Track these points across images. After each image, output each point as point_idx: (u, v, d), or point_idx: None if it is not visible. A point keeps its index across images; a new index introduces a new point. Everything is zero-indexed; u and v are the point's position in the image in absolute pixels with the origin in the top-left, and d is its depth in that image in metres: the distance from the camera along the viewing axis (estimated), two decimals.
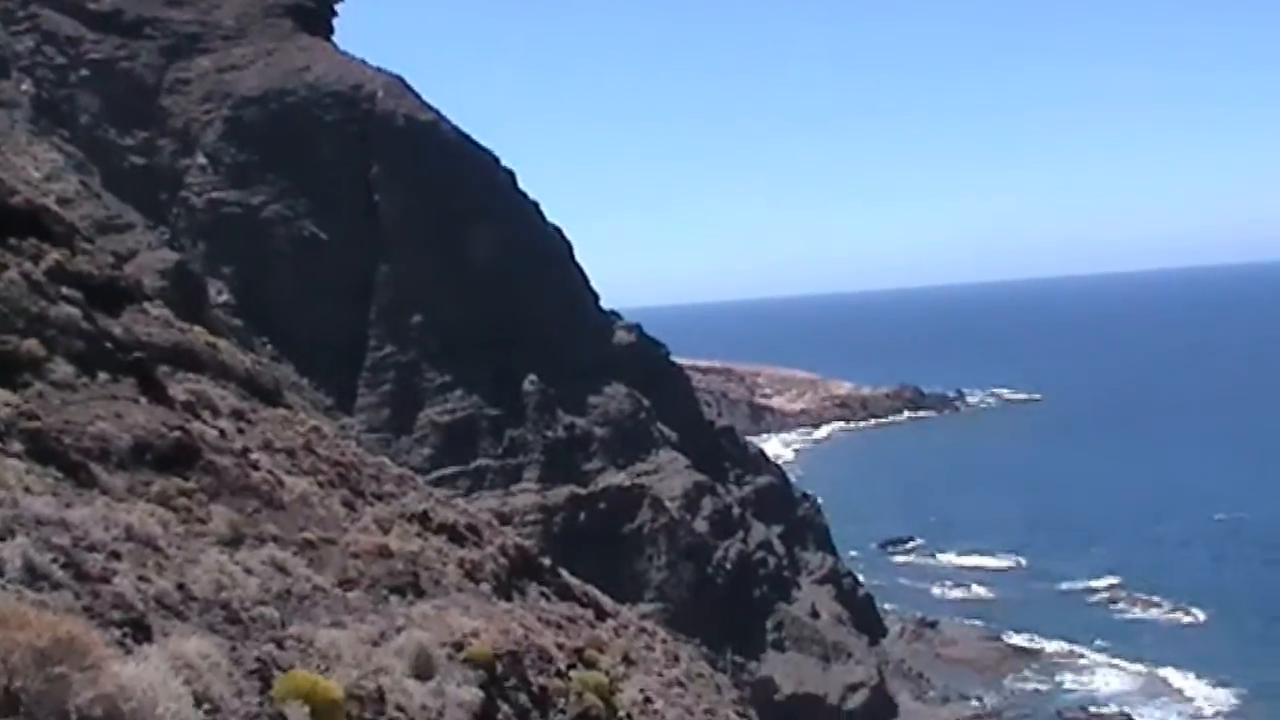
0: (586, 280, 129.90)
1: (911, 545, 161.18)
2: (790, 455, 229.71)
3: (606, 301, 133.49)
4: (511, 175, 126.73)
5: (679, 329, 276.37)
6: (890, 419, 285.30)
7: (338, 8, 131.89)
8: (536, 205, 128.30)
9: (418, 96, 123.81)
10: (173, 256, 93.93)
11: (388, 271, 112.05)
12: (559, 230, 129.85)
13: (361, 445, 48.35)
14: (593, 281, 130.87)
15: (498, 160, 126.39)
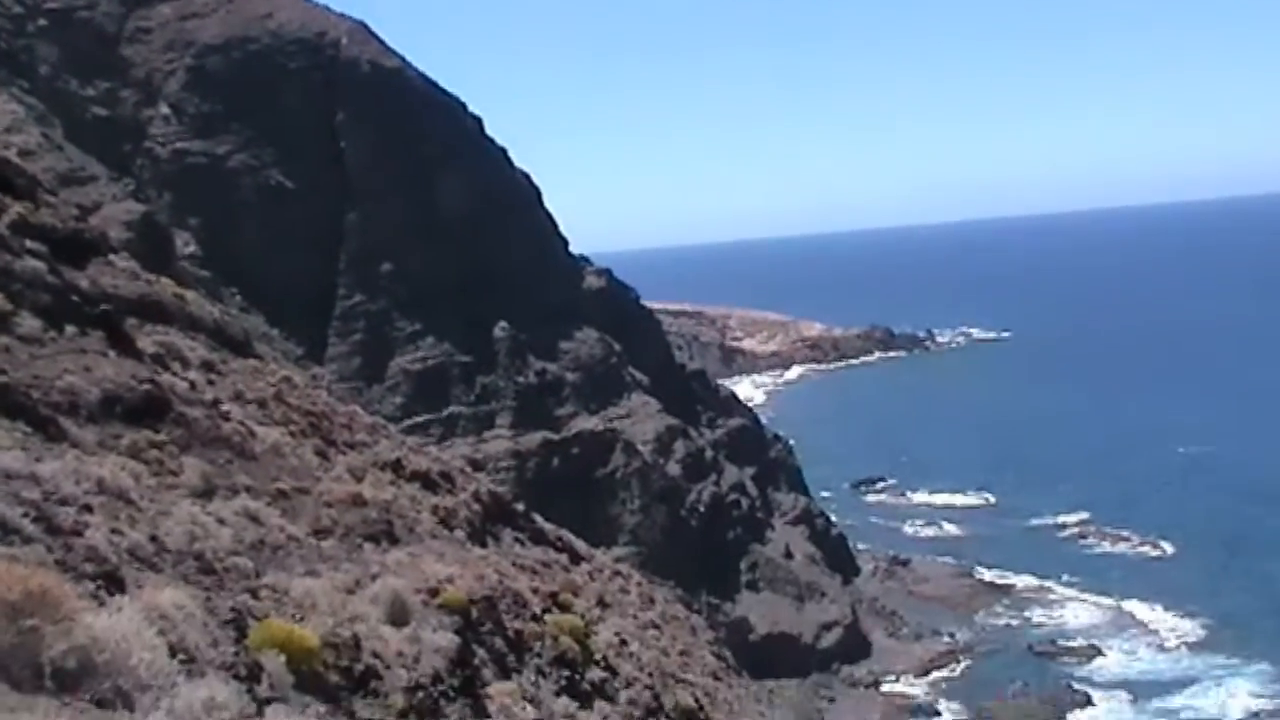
0: (555, 226, 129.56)
1: (883, 485, 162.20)
2: (762, 397, 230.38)
3: (576, 247, 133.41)
4: (479, 121, 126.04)
5: (649, 273, 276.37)
6: (861, 359, 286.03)
7: None
8: (504, 151, 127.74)
9: (382, 42, 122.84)
10: (138, 208, 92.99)
11: (356, 220, 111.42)
12: (527, 176, 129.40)
13: (333, 394, 48.22)
14: (562, 227, 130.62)
15: (464, 106, 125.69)
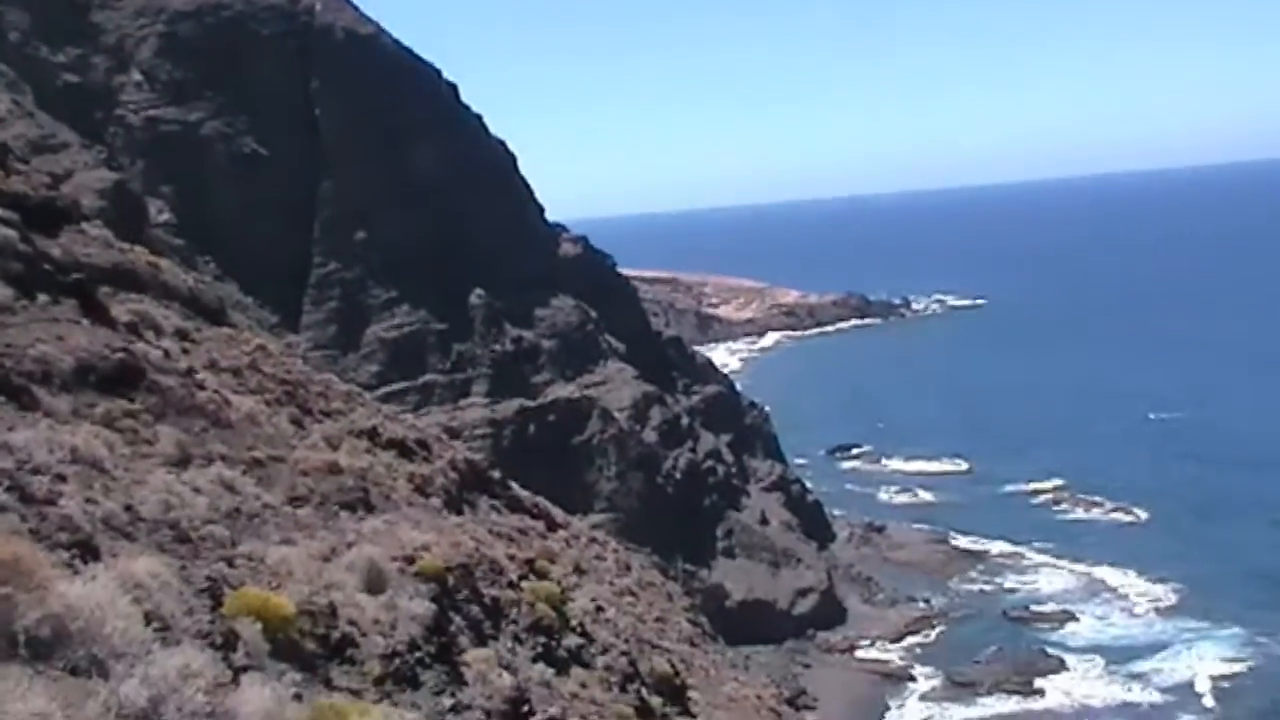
0: (531, 193, 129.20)
1: (858, 451, 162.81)
2: (737, 364, 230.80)
3: (551, 214, 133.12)
4: (454, 88, 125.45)
5: (625, 240, 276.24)
6: (836, 327, 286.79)
7: None
8: (480, 118, 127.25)
9: (357, 9, 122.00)
10: (110, 176, 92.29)
11: (330, 188, 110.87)
12: (503, 143, 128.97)
13: (308, 363, 48.08)
14: (537, 194, 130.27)
15: (440, 73, 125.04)
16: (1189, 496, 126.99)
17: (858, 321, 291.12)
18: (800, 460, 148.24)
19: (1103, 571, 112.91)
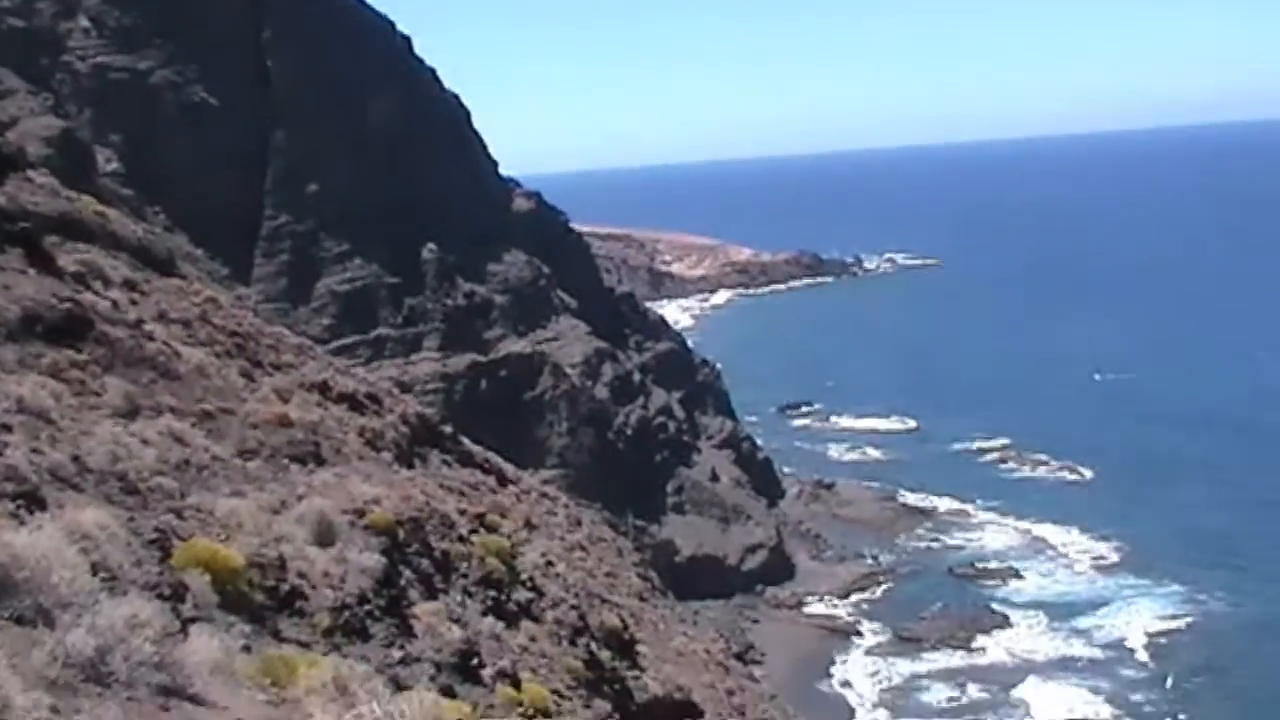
0: (484, 148, 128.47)
1: (808, 409, 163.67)
2: (689, 321, 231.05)
3: (505, 169, 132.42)
4: (407, 40, 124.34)
5: (579, 196, 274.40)
6: (789, 285, 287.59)
7: None
8: (434, 72, 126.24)
9: None
10: (57, 123, 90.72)
11: (282, 139, 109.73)
12: (456, 97, 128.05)
13: (259, 315, 47.72)
14: (491, 148, 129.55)
15: (394, 26, 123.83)
16: (1133, 456, 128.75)
17: (810, 280, 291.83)
18: (751, 417, 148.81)
19: (1047, 529, 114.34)
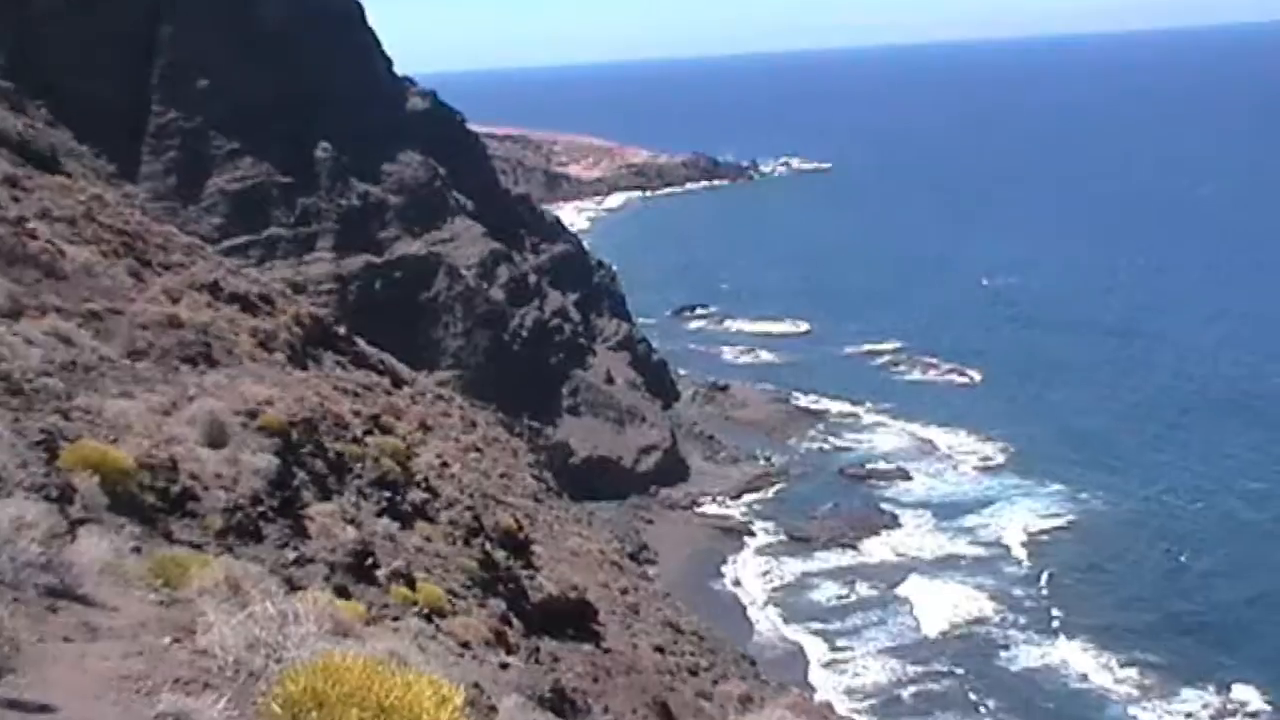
0: (379, 44, 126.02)
1: (703, 312, 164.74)
2: (586, 223, 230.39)
3: (400, 67, 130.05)
4: None
5: (475, 96, 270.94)
6: (685, 187, 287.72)
7: None
8: None
9: None
10: None
11: (170, 33, 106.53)
12: None
13: (147, 214, 46.75)
14: (385, 46, 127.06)
15: None
16: (1018, 359, 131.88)
17: (706, 183, 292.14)
18: (646, 320, 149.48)
19: (935, 431, 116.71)
